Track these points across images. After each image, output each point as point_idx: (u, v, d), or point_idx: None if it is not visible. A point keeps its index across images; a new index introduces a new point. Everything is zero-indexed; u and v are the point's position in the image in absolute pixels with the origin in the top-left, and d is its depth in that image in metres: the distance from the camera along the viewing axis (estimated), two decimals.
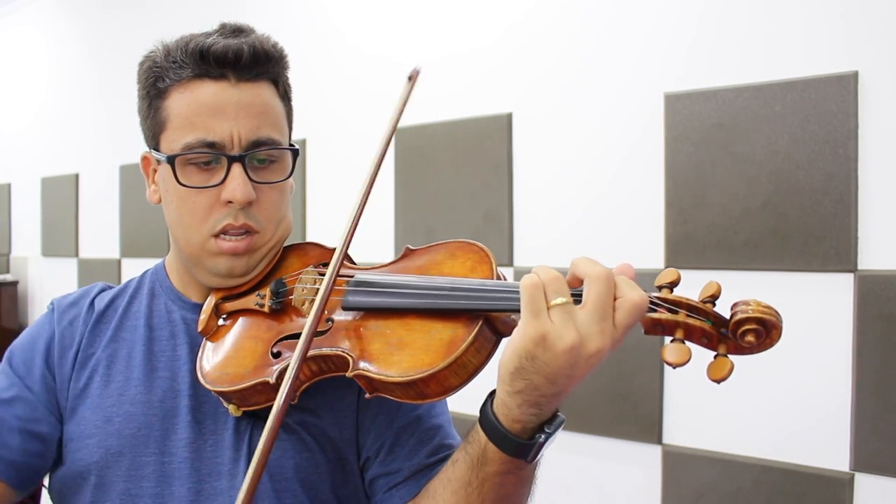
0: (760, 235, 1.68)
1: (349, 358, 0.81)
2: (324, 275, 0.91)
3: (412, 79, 0.90)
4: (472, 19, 2.23)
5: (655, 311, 0.71)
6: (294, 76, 1.01)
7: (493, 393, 0.77)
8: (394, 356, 0.79)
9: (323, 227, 2.58)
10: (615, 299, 0.70)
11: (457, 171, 2.22)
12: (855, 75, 1.57)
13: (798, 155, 1.64)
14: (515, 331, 0.71)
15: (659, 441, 1.84)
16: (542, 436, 0.74)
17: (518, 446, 0.74)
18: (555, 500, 1.98)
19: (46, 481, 1.00)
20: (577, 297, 0.71)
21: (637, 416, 1.87)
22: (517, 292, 0.74)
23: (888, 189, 1.55)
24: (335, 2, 2.61)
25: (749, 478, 1.70)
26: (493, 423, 0.75)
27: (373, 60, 2.47)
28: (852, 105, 1.57)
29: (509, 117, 2.12)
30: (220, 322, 0.96)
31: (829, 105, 1.60)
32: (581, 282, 0.71)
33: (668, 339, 0.71)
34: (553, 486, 1.97)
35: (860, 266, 1.58)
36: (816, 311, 1.62)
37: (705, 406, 1.78)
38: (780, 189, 1.66)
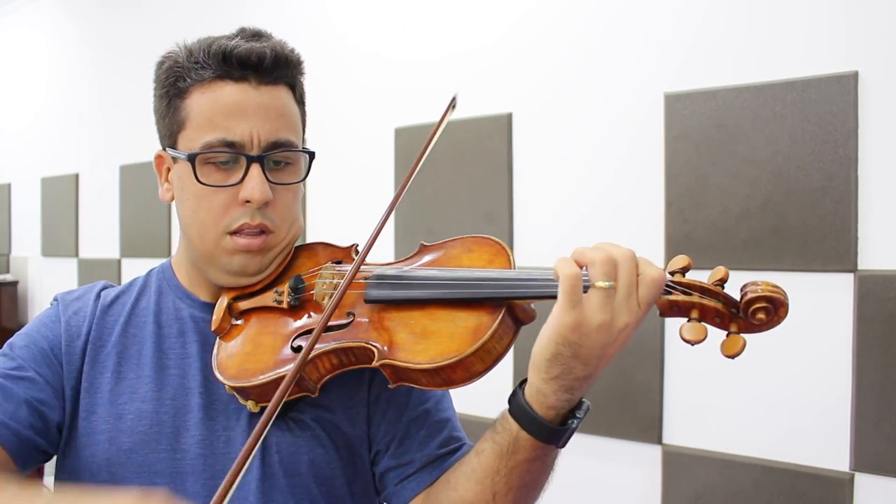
0: (760, 235, 1.68)
1: (374, 349, 0.83)
2: (343, 270, 0.94)
3: (453, 105, 0.95)
4: (472, 19, 2.23)
5: (671, 293, 0.75)
6: None
7: (521, 383, 0.80)
8: (419, 345, 0.81)
9: (323, 226, 2.58)
10: (637, 276, 0.74)
11: (457, 171, 2.22)
12: (855, 75, 1.57)
13: (798, 155, 1.64)
14: (551, 318, 0.75)
15: (659, 441, 1.84)
16: (574, 421, 0.79)
17: (552, 432, 0.78)
18: (555, 499, 1.98)
19: (50, 481, 1.00)
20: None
21: (637, 416, 1.87)
22: (539, 281, 0.79)
23: (888, 189, 1.55)
24: (335, 1, 2.61)
25: (749, 478, 1.70)
26: (527, 411, 0.78)
27: (373, 59, 2.47)
28: (852, 105, 1.57)
29: (509, 117, 2.12)
30: (234, 322, 0.96)
31: (829, 105, 1.60)
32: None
33: (683, 320, 0.75)
34: (553, 485, 1.97)
35: (860, 266, 1.58)
36: (816, 311, 1.62)
37: (705, 406, 1.78)
38: (780, 189, 1.66)
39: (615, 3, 1.94)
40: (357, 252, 0.99)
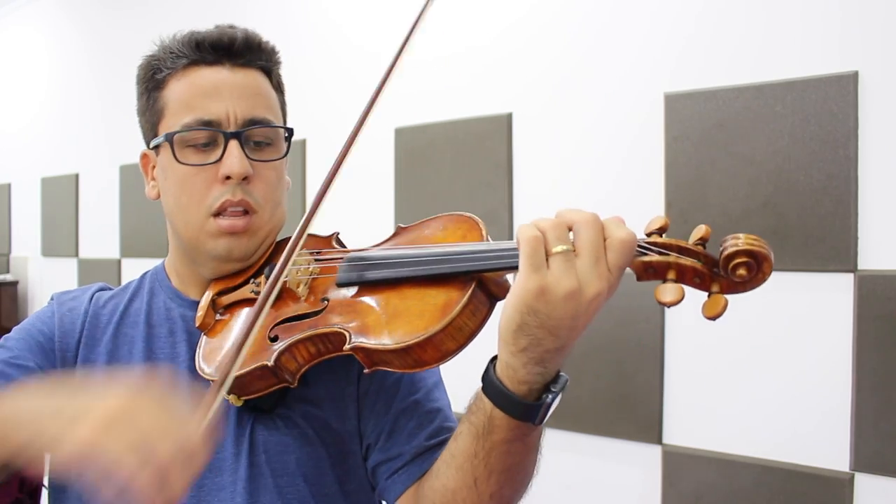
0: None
1: (345, 333, 0.81)
2: (318, 259, 0.93)
3: None
4: (472, 18, 2.23)
5: (646, 254, 0.71)
6: (294, 74, 1.02)
7: (494, 358, 0.76)
8: (389, 325, 0.79)
9: (323, 227, 2.58)
10: (605, 240, 0.70)
11: (457, 171, 2.22)
12: (855, 75, 1.58)
13: (798, 155, 1.64)
14: (514, 286, 0.71)
15: (659, 441, 1.84)
16: (550, 395, 0.73)
17: (526, 408, 0.73)
18: (555, 499, 1.98)
19: (46, 480, 1.00)
20: None
21: (637, 416, 1.87)
22: (507, 251, 0.75)
23: (888, 189, 1.55)
24: (335, 1, 2.61)
25: (749, 478, 1.70)
26: (498, 387, 0.73)
27: (373, 58, 2.47)
28: (852, 105, 1.57)
29: (509, 117, 2.12)
30: (218, 317, 0.96)
31: (829, 105, 1.60)
32: (569, 230, 0.72)
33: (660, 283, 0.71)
34: (553, 485, 1.97)
35: (860, 266, 1.58)
36: (816, 311, 1.62)
37: (705, 406, 1.78)
38: (780, 189, 1.66)
39: (615, 3, 1.94)
40: (338, 241, 0.99)
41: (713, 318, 0.68)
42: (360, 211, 2.34)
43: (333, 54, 2.59)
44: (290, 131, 0.99)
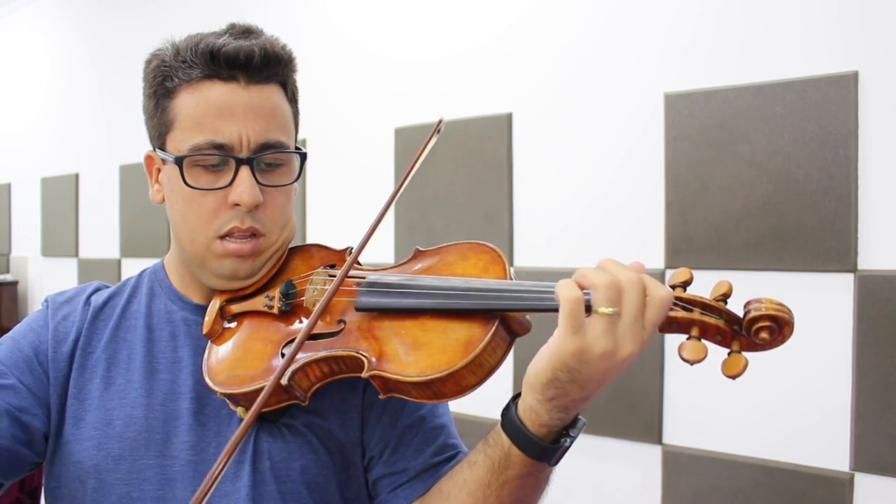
0: (760, 235, 1.68)
1: (364, 359, 0.81)
2: (334, 276, 0.91)
3: (438, 130, 0.93)
4: (472, 19, 2.23)
5: (672, 308, 0.72)
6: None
7: (515, 397, 0.78)
8: (410, 356, 0.79)
9: (323, 228, 2.58)
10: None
11: (457, 171, 2.22)
12: (855, 75, 1.57)
13: (798, 155, 1.64)
14: (551, 342, 0.72)
15: (659, 441, 1.84)
16: (568, 440, 0.76)
17: (544, 450, 0.76)
18: (555, 500, 1.98)
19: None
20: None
21: (637, 416, 1.87)
22: (534, 293, 0.76)
23: (888, 189, 1.55)
24: (336, 1, 2.61)
25: (749, 478, 1.70)
26: (519, 428, 0.76)
27: (374, 60, 2.47)
28: (852, 105, 1.57)
29: (509, 117, 2.12)
30: (226, 325, 0.94)
31: (829, 105, 1.60)
32: None
33: (683, 337, 0.72)
34: (553, 485, 1.97)
35: (860, 266, 1.58)
36: (816, 311, 1.62)
37: (705, 406, 1.78)
38: (780, 189, 1.66)
39: (615, 3, 1.94)
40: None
41: (733, 378, 0.70)
42: (359, 211, 2.34)
43: (333, 54, 2.58)
44: (304, 155, 0.96)
